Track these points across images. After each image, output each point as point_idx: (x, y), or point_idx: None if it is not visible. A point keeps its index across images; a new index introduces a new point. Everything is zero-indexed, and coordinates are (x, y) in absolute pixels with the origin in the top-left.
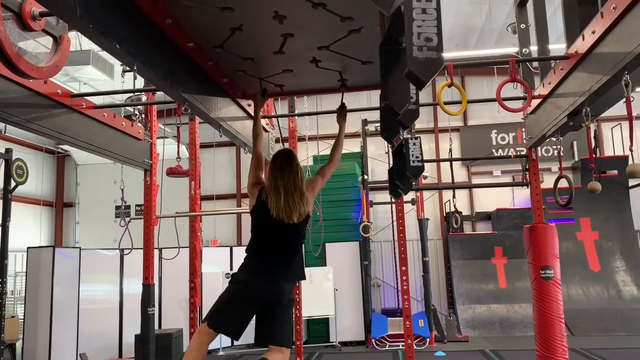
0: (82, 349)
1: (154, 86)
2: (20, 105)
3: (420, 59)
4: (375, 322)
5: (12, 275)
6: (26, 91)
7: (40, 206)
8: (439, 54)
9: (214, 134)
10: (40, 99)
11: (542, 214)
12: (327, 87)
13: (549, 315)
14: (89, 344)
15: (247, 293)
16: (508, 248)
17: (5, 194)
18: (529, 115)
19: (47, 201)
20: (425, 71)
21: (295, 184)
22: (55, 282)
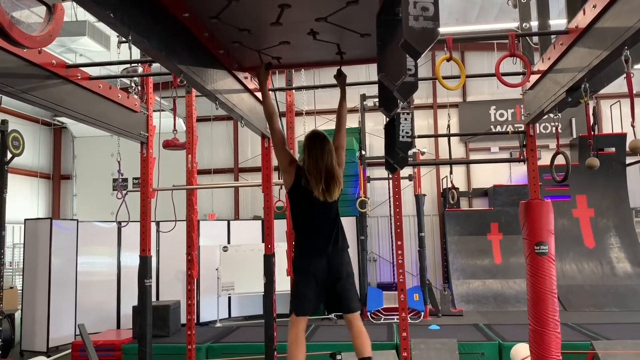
0: (80, 320)
1: (149, 57)
2: (14, 76)
3: (416, 28)
4: (370, 295)
5: (10, 247)
6: (20, 61)
7: (38, 178)
8: (435, 24)
9: (211, 108)
10: (34, 69)
11: (538, 190)
12: (325, 60)
13: (543, 290)
14: (87, 315)
15: (312, 278)
16: (504, 224)
17: (2, 166)
18: (528, 91)
19: (44, 173)
20: (421, 41)
21: (333, 164)
22: (53, 253)
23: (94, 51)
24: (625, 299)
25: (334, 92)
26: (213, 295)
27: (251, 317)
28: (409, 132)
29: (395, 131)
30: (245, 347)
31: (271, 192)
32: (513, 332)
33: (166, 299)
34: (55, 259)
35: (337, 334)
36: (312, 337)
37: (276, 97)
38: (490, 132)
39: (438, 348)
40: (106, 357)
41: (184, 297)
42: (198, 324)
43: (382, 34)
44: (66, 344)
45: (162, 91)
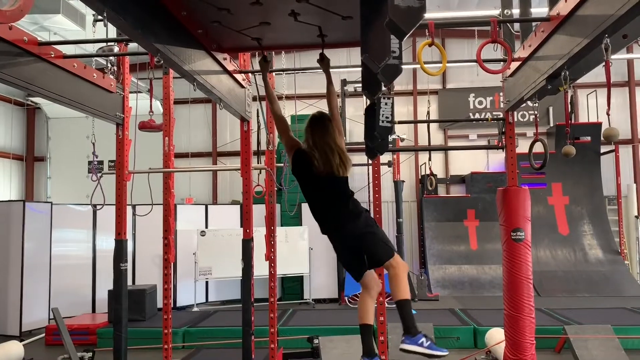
0: (55, 304)
1: (125, 36)
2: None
3: (401, 7)
4: (348, 280)
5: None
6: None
7: (10, 160)
8: (421, 3)
9: (189, 90)
10: (4, 45)
11: (516, 177)
12: (306, 42)
13: (518, 276)
14: (61, 299)
15: (339, 246)
16: (480, 211)
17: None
18: (508, 78)
19: (17, 155)
20: (407, 20)
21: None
22: (26, 237)
23: (68, 30)
24: (596, 285)
25: (315, 77)
26: (190, 279)
27: (229, 301)
28: (389, 117)
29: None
30: (223, 331)
31: (250, 176)
32: (488, 317)
33: (143, 283)
34: (29, 242)
35: (314, 319)
36: (290, 322)
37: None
38: (469, 119)
39: None
40: (81, 341)
41: (160, 282)
42: (175, 309)
43: (366, 14)
44: (40, 328)
45: (139, 72)
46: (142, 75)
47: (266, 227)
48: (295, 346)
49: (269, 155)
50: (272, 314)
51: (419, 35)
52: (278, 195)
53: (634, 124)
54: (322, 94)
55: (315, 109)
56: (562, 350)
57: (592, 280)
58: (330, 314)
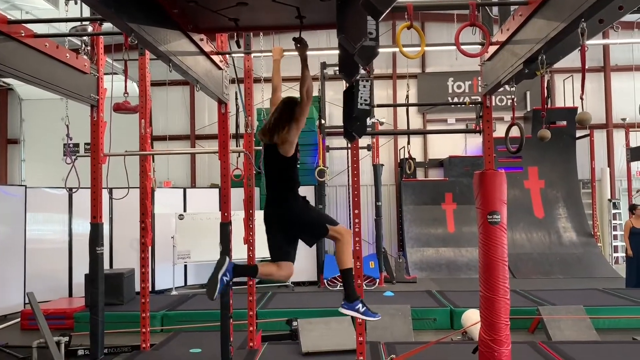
0: (30, 288)
1: (98, 15)
2: None
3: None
4: (327, 263)
5: None
6: None
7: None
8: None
9: (166, 72)
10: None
11: (492, 161)
12: (284, 24)
13: (494, 258)
14: (37, 284)
15: (271, 226)
16: (458, 194)
17: None
18: (486, 62)
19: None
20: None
21: (277, 116)
22: (0, 220)
23: (41, 9)
24: (570, 267)
25: (293, 60)
26: (169, 263)
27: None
28: (367, 100)
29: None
30: (201, 314)
31: (228, 159)
32: (464, 298)
33: (120, 266)
34: (2, 225)
35: (293, 301)
36: (269, 304)
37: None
38: (447, 103)
39: (392, 314)
40: (58, 326)
41: (138, 265)
42: (154, 292)
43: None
44: (15, 313)
45: (115, 53)
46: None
47: (245, 210)
48: (274, 329)
49: (248, 139)
50: (251, 297)
51: (399, 18)
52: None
53: (608, 109)
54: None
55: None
56: (535, 331)
57: (566, 262)
58: (309, 297)
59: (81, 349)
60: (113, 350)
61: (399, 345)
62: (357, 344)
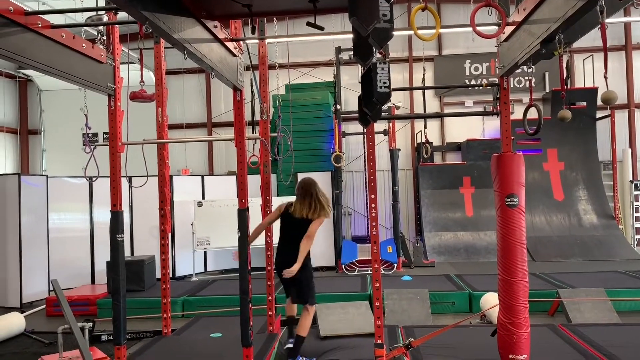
0: (54, 276)
1: (113, 4)
2: None
3: None
4: (345, 248)
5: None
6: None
7: (4, 133)
8: None
9: (182, 61)
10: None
11: (510, 143)
12: (297, 8)
13: (512, 241)
14: (60, 271)
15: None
16: (476, 178)
17: None
18: (503, 42)
19: (11, 128)
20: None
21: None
22: (23, 210)
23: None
24: (590, 249)
25: (308, 44)
26: (189, 250)
27: (227, 270)
28: (386, 82)
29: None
30: (221, 299)
31: (244, 146)
32: (483, 282)
33: (141, 254)
34: (25, 215)
35: None
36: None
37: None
38: (464, 85)
39: (410, 298)
40: (81, 312)
41: (159, 252)
42: (174, 279)
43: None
44: (40, 300)
45: (130, 42)
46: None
47: (262, 197)
48: None
49: (263, 125)
50: (270, 282)
51: (414, 0)
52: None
53: (630, 88)
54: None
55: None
56: (555, 313)
57: (586, 245)
58: (327, 282)
59: (104, 335)
60: (135, 335)
61: (417, 328)
62: (375, 328)
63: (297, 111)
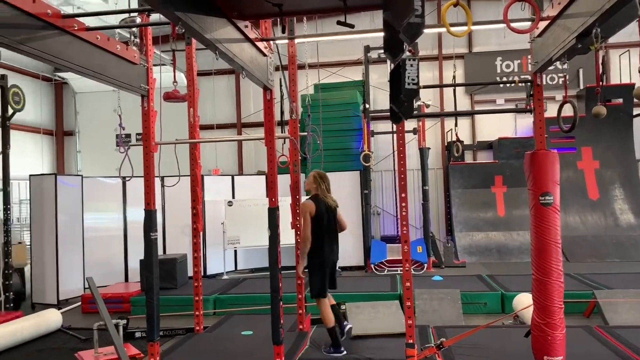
0: (89, 273)
1: (147, 6)
2: (8, 26)
3: None
4: (374, 248)
5: (17, 203)
6: (14, 10)
7: (41, 135)
8: None
9: (212, 62)
10: (29, 19)
11: (544, 141)
12: (327, 7)
13: (546, 240)
14: (95, 269)
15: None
16: (508, 177)
17: (4, 121)
18: (536, 38)
19: (47, 130)
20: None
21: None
22: (59, 209)
23: (92, 3)
24: (627, 250)
25: (337, 45)
26: (219, 248)
27: (257, 269)
28: (415, 79)
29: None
30: (252, 298)
31: (274, 145)
32: (516, 282)
33: (173, 252)
34: (62, 214)
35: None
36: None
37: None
38: (496, 82)
39: (441, 298)
40: (115, 309)
41: (191, 251)
42: (205, 277)
43: None
44: (76, 297)
45: (162, 45)
46: (165, 47)
47: (291, 196)
48: None
49: (293, 125)
50: (299, 281)
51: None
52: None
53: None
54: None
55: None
56: (591, 315)
57: (622, 245)
58: (357, 281)
59: (138, 332)
60: (168, 332)
61: (448, 329)
62: (406, 327)
63: (325, 110)
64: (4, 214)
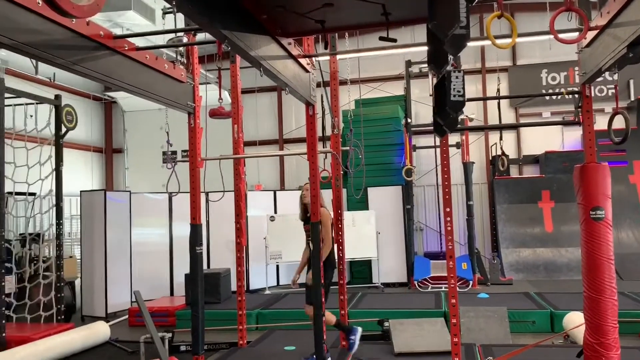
0: (136, 287)
1: (194, 25)
2: (64, 47)
3: None
4: (417, 264)
5: (68, 218)
6: (69, 33)
7: (91, 152)
8: None
9: (255, 79)
10: (83, 40)
11: (594, 154)
12: (369, 22)
13: (599, 257)
14: (142, 283)
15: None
16: (555, 192)
17: (57, 139)
18: (584, 48)
19: (97, 147)
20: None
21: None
22: (108, 224)
23: (139, 25)
24: None
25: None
26: (262, 263)
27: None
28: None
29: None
30: (294, 313)
31: (317, 160)
32: (565, 300)
33: (217, 267)
34: (110, 229)
35: (383, 302)
36: (359, 304)
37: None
38: (542, 94)
39: (488, 316)
40: (161, 322)
41: (233, 266)
42: (248, 292)
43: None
44: (123, 310)
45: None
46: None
47: (333, 211)
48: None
49: (334, 139)
50: (342, 297)
51: (487, 10)
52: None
53: None
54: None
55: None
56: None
57: None
58: (400, 298)
59: (183, 345)
60: (212, 346)
61: (495, 347)
62: (452, 345)
63: (367, 125)
64: (57, 228)
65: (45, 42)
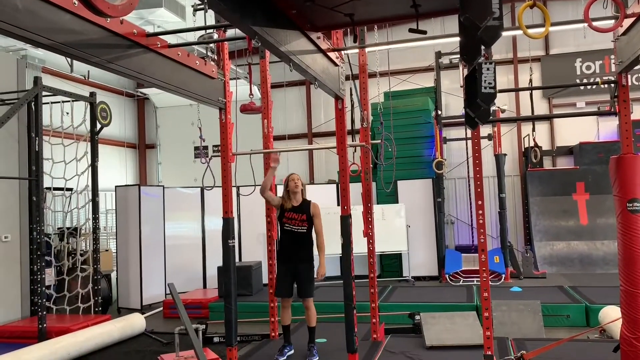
0: (170, 280)
1: (224, 21)
2: (100, 46)
3: None
4: (449, 258)
5: (104, 212)
6: (104, 32)
7: (125, 148)
8: None
9: (284, 74)
10: (117, 39)
11: (631, 144)
12: (398, 14)
13: (636, 249)
14: (175, 276)
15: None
16: (591, 183)
17: (92, 136)
18: (620, 37)
19: (131, 143)
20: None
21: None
22: (142, 218)
23: (170, 22)
24: None
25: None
26: None
27: (330, 277)
28: (491, 83)
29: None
30: (325, 306)
31: (346, 153)
32: (600, 294)
33: (248, 260)
34: (145, 223)
35: (414, 295)
36: (390, 298)
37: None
38: (576, 84)
39: (520, 309)
40: (194, 314)
41: (265, 259)
42: None
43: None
44: (158, 302)
45: (237, 60)
46: (240, 62)
47: (363, 204)
48: (395, 322)
49: (364, 133)
50: (373, 290)
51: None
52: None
53: None
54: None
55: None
56: None
57: None
58: (431, 291)
59: (216, 336)
60: (244, 338)
61: (528, 341)
62: (485, 339)
63: (397, 118)
64: (93, 222)
65: (82, 42)
